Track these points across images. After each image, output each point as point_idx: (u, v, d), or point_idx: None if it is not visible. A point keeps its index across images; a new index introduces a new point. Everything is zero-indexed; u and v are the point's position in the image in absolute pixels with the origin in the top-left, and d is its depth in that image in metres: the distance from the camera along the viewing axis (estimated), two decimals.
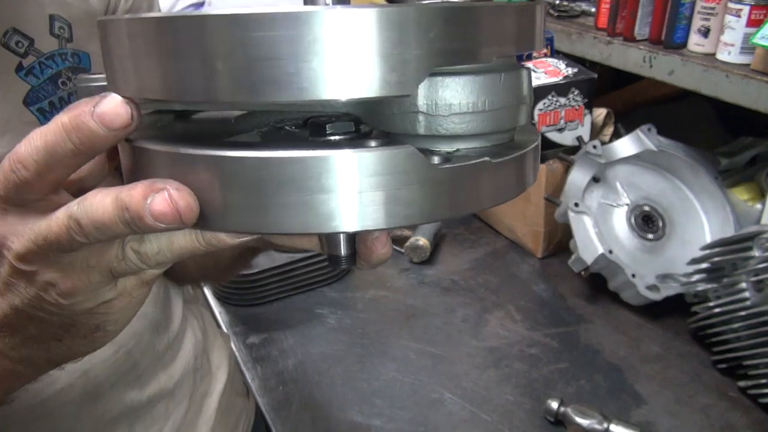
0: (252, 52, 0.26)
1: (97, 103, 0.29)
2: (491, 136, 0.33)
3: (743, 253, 0.84)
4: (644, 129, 1.07)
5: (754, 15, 0.87)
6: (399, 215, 0.29)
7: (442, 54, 0.28)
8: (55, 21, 0.59)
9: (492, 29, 0.30)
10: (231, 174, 0.29)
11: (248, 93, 0.27)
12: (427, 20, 0.28)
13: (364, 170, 0.28)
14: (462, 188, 0.31)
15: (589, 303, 1.03)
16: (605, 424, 0.76)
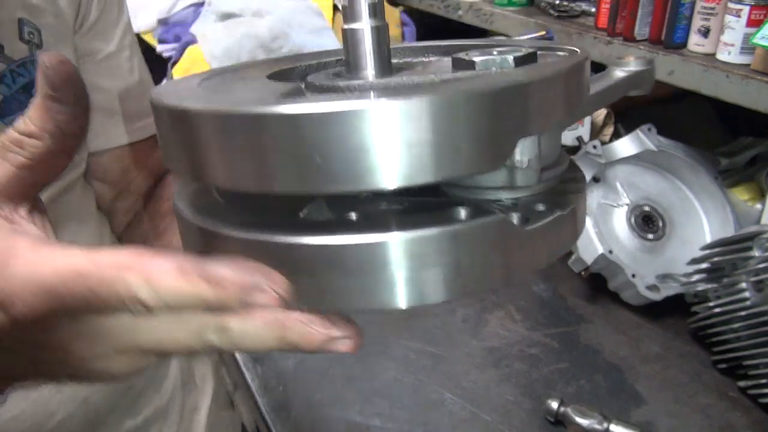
0: (351, 144, 0.25)
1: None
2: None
3: (743, 253, 0.84)
4: (644, 129, 1.07)
5: (754, 15, 0.87)
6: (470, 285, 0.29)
7: (533, 122, 0.29)
8: (24, 26, 0.56)
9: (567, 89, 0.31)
10: (309, 261, 0.28)
11: (350, 182, 0.26)
12: (522, 96, 0.28)
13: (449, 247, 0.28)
14: (541, 244, 0.31)
15: (589, 303, 1.03)
16: (605, 424, 0.76)
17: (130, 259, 0.27)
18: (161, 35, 1.72)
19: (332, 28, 1.54)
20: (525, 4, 1.33)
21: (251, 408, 0.95)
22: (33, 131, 0.30)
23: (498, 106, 0.27)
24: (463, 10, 1.42)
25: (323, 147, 0.25)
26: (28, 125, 0.30)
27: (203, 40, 1.50)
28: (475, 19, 1.39)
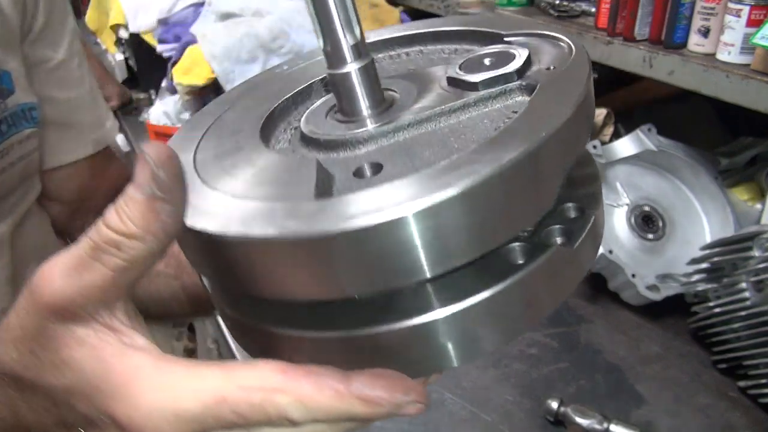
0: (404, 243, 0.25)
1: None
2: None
3: (743, 253, 0.83)
4: (644, 129, 1.07)
5: (754, 15, 0.87)
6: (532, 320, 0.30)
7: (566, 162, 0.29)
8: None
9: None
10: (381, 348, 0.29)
11: (407, 275, 0.26)
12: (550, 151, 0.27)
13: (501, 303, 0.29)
14: (587, 250, 0.31)
15: (589, 303, 1.03)
16: (605, 424, 0.76)
17: (278, 379, 0.27)
18: (161, 35, 1.72)
19: None
20: (525, 4, 1.33)
21: None
22: (135, 233, 0.27)
23: (532, 169, 0.26)
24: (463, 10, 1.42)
25: (380, 252, 0.25)
26: (128, 226, 0.27)
27: (203, 40, 1.50)
28: None
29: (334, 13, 0.32)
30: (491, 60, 0.34)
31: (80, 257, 0.28)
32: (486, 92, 0.32)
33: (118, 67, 2.06)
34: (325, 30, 0.32)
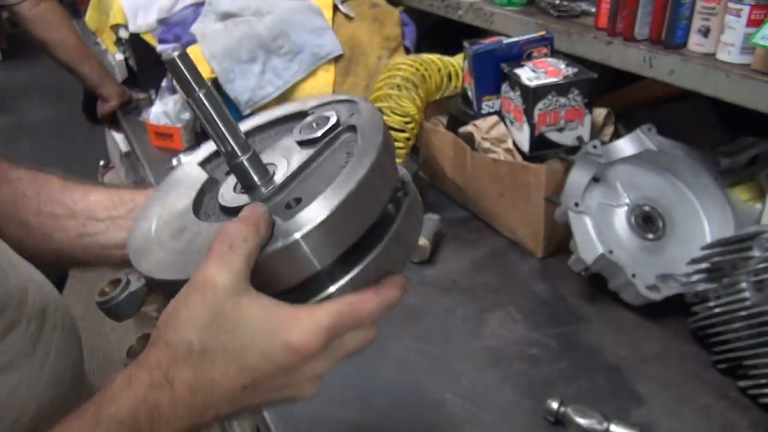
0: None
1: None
2: None
3: (743, 253, 0.83)
4: (644, 129, 1.07)
5: (754, 15, 0.87)
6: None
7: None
8: None
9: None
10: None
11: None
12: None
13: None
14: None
15: (589, 303, 1.03)
16: (605, 424, 0.76)
17: (365, 295, 0.45)
18: (161, 35, 1.72)
19: (332, 28, 1.54)
20: (525, 3, 1.33)
21: None
22: (252, 233, 0.44)
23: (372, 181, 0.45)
24: (463, 10, 1.42)
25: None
26: (250, 229, 0.43)
27: (203, 40, 1.50)
28: (476, 19, 1.39)
29: (224, 129, 0.47)
30: (316, 123, 0.52)
31: (221, 253, 0.42)
32: (326, 140, 0.50)
33: (118, 67, 2.06)
34: (220, 140, 0.48)
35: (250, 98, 1.46)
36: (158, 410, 0.41)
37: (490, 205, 1.21)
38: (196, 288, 0.42)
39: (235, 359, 0.41)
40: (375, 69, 1.53)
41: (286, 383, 0.44)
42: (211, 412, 0.42)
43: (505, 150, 1.16)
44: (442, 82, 1.29)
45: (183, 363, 0.41)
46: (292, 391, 0.45)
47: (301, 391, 0.45)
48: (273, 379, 0.42)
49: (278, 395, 0.44)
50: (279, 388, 0.44)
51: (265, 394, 0.43)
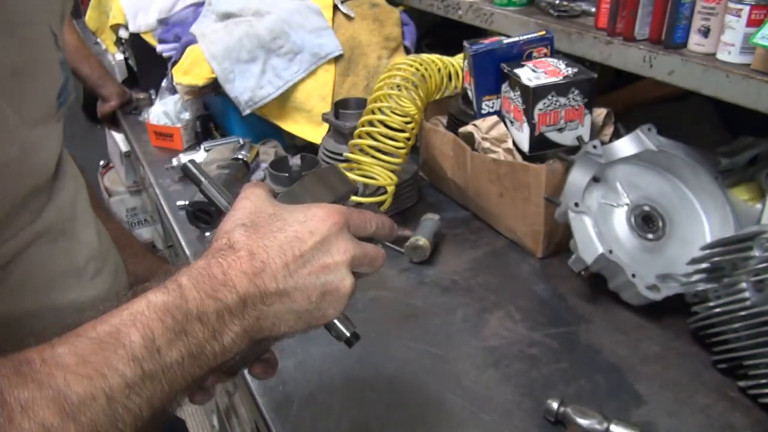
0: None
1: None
2: None
3: (743, 253, 0.83)
4: (644, 129, 1.07)
5: (755, 15, 0.87)
6: None
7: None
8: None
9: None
10: None
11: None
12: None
13: None
14: None
15: (589, 303, 1.03)
16: (605, 424, 0.76)
17: (369, 212, 0.56)
18: (161, 35, 1.72)
19: (332, 28, 1.54)
20: (525, 3, 1.33)
21: (251, 408, 0.95)
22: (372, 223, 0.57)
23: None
24: (463, 10, 1.42)
25: None
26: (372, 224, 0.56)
27: (203, 40, 1.50)
28: (476, 19, 1.39)
29: (226, 203, 0.58)
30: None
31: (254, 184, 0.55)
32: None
33: (118, 67, 2.06)
34: (225, 210, 0.57)
35: (250, 98, 1.46)
36: (222, 267, 0.45)
37: (490, 205, 1.21)
38: (242, 197, 0.52)
39: (281, 229, 0.49)
40: (375, 69, 1.53)
41: (327, 262, 0.49)
42: (269, 280, 0.46)
43: (505, 150, 1.16)
44: (442, 82, 1.29)
45: (237, 232, 0.48)
46: (332, 274, 0.49)
47: (340, 274, 0.50)
48: (315, 250, 0.49)
49: (322, 278, 0.49)
50: (322, 267, 0.49)
51: (312, 268, 0.49)
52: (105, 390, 0.36)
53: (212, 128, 1.69)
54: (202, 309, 0.42)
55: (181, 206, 1.34)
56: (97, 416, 0.35)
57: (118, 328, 0.39)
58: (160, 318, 0.40)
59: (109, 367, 0.37)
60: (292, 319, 0.48)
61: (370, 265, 0.54)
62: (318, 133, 1.46)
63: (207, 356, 0.43)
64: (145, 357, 0.38)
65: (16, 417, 0.33)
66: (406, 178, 1.28)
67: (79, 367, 0.36)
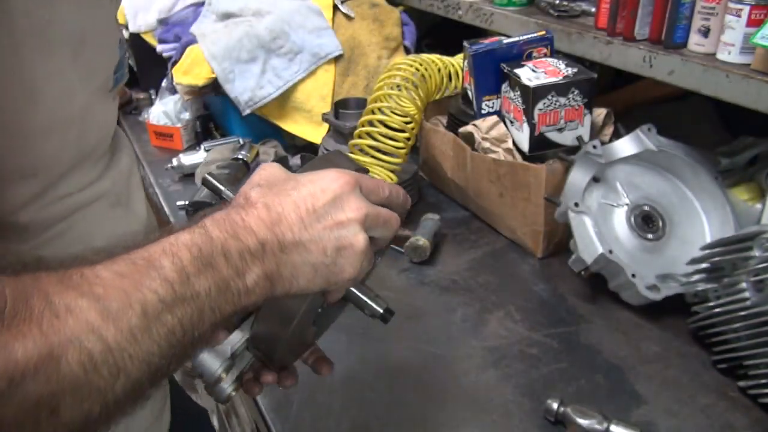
0: None
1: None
2: None
3: (743, 253, 0.83)
4: (644, 129, 1.07)
5: (755, 15, 0.87)
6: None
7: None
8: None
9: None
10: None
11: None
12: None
13: None
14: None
15: (589, 303, 1.03)
16: (605, 424, 0.76)
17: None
18: (161, 35, 1.72)
19: (332, 28, 1.54)
20: (525, 3, 1.33)
21: (251, 408, 0.95)
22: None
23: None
24: (463, 10, 1.42)
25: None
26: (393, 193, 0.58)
27: (203, 40, 1.50)
28: (476, 19, 1.39)
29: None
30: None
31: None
32: None
33: None
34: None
35: (250, 98, 1.46)
36: (241, 215, 0.48)
37: (490, 205, 1.21)
38: (259, 169, 0.54)
39: (295, 188, 0.51)
40: (375, 69, 1.53)
41: (340, 218, 0.51)
42: (286, 230, 0.49)
43: (505, 150, 1.16)
44: (442, 82, 1.29)
45: (253, 191, 0.51)
46: (345, 229, 0.51)
47: (353, 230, 0.51)
48: (328, 206, 0.51)
49: (335, 232, 0.51)
50: (336, 223, 0.51)
51: (326, 223, 0.50)
52: (140, 302, 0.39)
53: (212, 128, 1.69)
54: (225, 247, 0.45)
55: (181, 206, 1.34)
56: (133, 323, 0.38)
57: (151, 254, 0.42)
58: (189, 249, 0.43)
59: (143, 284, 0.40)
60: (310, 271, 0.50)
61: (384, 226, 0.54)
62: (318, 133, 1.46)
63: (232, 293, 0.45)
64: (176, 281, 0.41)
65: (62, 315, 0.36)
66: (406, 178, 1.28)
67: (116, 281, 0.39)
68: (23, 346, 0.34)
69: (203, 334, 0.44)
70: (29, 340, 0.34)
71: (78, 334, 0.36)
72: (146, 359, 0.39)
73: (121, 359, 0.38)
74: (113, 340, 0.37)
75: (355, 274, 0.52)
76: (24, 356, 0.34)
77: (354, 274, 0.52)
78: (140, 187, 0.72)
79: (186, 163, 1.48)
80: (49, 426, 0.35)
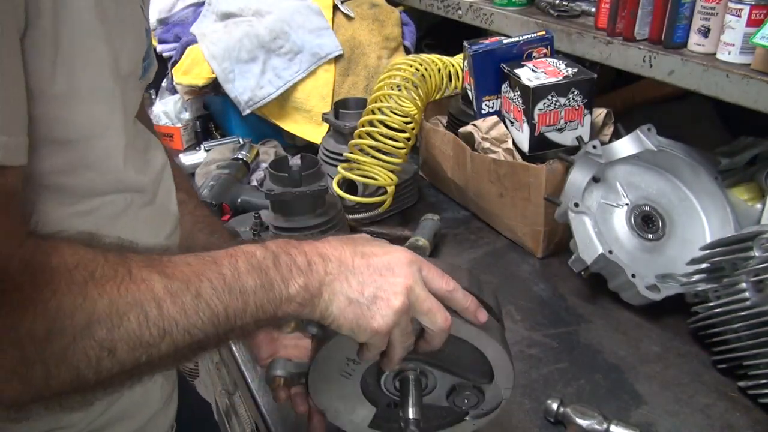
0: None
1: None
2: None
3: (743, 253, 0.83)
4: (644, 129, 1.07)
5: (754, 15, 0.87)
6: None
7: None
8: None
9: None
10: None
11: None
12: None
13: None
14: None
15: (589, 303, 1.03)
16: (605, 425, 0.76)
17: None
18: (161, 35, 1.72)
19: (332, 28, 1.54)
20: (525, 4, 1.33)
21: (251, 408, 0.95)
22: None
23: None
24: (463, 10, 1.42)
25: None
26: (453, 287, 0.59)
27: (203, 40, 1.50)
28: (475, 19, 1.39)
29: None
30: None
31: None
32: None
33: None
34: None
35: (250, 98, 1.46)
36: (295, 242, 0.55)
37: (490, 205, 1.21)
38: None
39: (362, 243, 0.57)
40: (375, 69, 1.53)
41: (387, 275, 0.54)
42: (334, 260, 0.55)
43: (505, 150, 1.16)
44: (442, 82, 1.29)
45: (331, 236, 0.58)
46: (387, 284, 0.54)
47: (395, 288, 0.54)
48: (382, 262, 0.55)
49: (378, 281, 0.54)
50: (382, 276, 0.54)
51: (373, 269, 0.55)
52: (196, 286, 0.49)
53: (212, 128, 1.68)
54: (276, 256, 0.53)
55: None
56: (186, 300, 0.48)
57: (216, 255, 0.52)
58: (245, 255, 0.52)
59: (203, 274, 0.49)
60: (344, 302, 0.54)
61: (426, 314, 0.56)
62: (318, 133, 1.46)
63: (275, 295, 0.52)
64: (228, 276, 0.50)
65: (137, 282, 0.46)
66: (406, 178, 1.28)
67: (185, 268, 0.49)
68: (101, 299, 0.44)
69: (245, 326, 0.51)
70: (106, 296, 0.45)
71: (142, 300, 0.46)
72: (189, 330, 0.48)
73: (169, 325, 0.47)
74: (167, 310, 0.47)
75: (383, 327, 0.54)
76: (101, 307, 0.44)
77: (382, 327, 0.54)
78: (172, 186, 0.72)
79: (186, 163, 1.48)
80: (107, 362, 0.45)
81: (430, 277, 0.57)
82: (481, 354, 0.61)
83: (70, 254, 0.45)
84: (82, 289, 0.44)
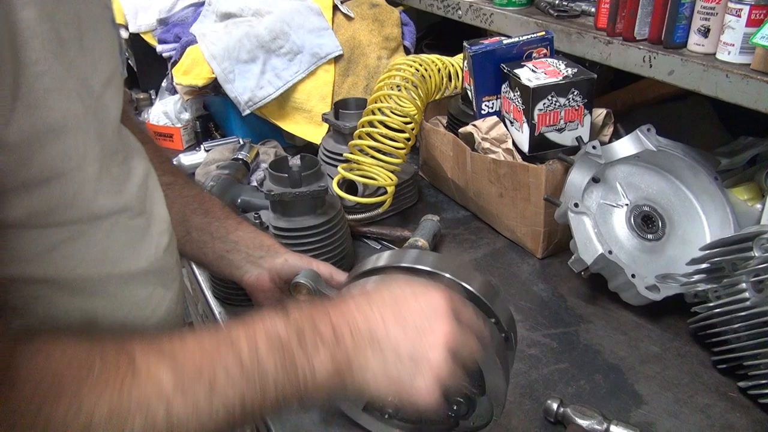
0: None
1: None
2: None
3: (743, 253, 0.83)
4: (644, 129, 1.07)
5: (754, 15, 0.87)
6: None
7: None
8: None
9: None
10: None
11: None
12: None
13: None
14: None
15: (589, 303, 1.03)
16: (605, 425, 0.76)
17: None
18: (161, 35, 1.72)
19: (332, 28, 1.54)
20: (525, 4, 1.33)
21: None
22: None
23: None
24: (462, 10, 1.42)
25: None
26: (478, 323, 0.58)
27: (203, 40, 1.50)
28: (476, 19, 1.39)
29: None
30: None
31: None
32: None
33: None
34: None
35: (250, 98, 1.46)
36: (319, 306, 0.52)
37: (490, 205, 1.21)
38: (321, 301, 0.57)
39: (391, 290, 0.54)
40: (375, 69, 1.53)
41: (420, 345, 0.50)
42: (361, 322, 0.51)
43: (505, 150, 1.16)
44: (442, 82, 1.29)
45: (355, 289, 0.57)
46: (422, 347, 0.50)
47: (432, 355, 0.50)
48: (416, 316, 0.51)
49: (411, 341, 0.50)
50: (415, 330, 0.51)
51: (408, 331, 0.50)
52: (210, 377, 0.45)
53: (212, 128, 1.69)
54: (299, 328, 0.49)
55: None
56: (199, 395, 0.44)
57: (233, 335, 0.48)
58: (266, 333, 0.48)
59: (218, 361, 0.46)
60: (380, 370, 0.50)
61: (466, 346, 0.54)
62: (318, 133, 1.46)
63: (297, 374, 0.48)
64: (246, 360, 0.46)
65: (141, 376, 0.42)
66: (405, 178, 1.28)
67: (196, 354, 0.45)
68: (100, 403, 0.40)
69: (264, 411, 0.48)
70: (105, 398, 0.40)
71: (148, 400, 0.42)
72: (200, 426, 0.44)
73: (178, 426, 0.43)
74: (177, 409, 0.43)
75: (428, 391, 0.50)
76: (99, 413, 0.40)
77: (427, 391, 0.50)
78: (157, 186, 0.69)
79: (186, 163, 1.48)
80: None
81: (466, 317, 0.55)
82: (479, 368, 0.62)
83: (59, 354, 0.40)
84: (76, 395, 0.39)
